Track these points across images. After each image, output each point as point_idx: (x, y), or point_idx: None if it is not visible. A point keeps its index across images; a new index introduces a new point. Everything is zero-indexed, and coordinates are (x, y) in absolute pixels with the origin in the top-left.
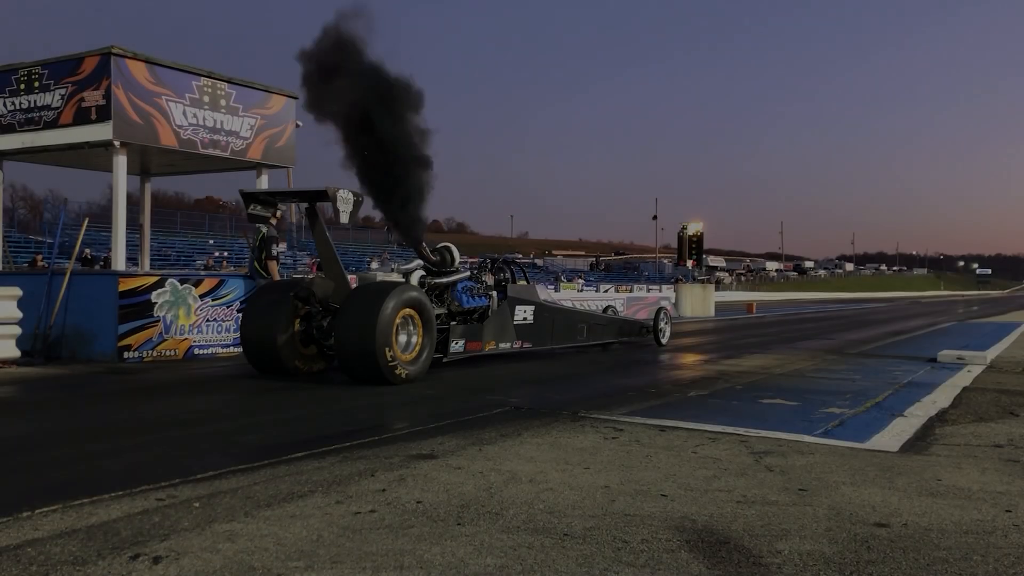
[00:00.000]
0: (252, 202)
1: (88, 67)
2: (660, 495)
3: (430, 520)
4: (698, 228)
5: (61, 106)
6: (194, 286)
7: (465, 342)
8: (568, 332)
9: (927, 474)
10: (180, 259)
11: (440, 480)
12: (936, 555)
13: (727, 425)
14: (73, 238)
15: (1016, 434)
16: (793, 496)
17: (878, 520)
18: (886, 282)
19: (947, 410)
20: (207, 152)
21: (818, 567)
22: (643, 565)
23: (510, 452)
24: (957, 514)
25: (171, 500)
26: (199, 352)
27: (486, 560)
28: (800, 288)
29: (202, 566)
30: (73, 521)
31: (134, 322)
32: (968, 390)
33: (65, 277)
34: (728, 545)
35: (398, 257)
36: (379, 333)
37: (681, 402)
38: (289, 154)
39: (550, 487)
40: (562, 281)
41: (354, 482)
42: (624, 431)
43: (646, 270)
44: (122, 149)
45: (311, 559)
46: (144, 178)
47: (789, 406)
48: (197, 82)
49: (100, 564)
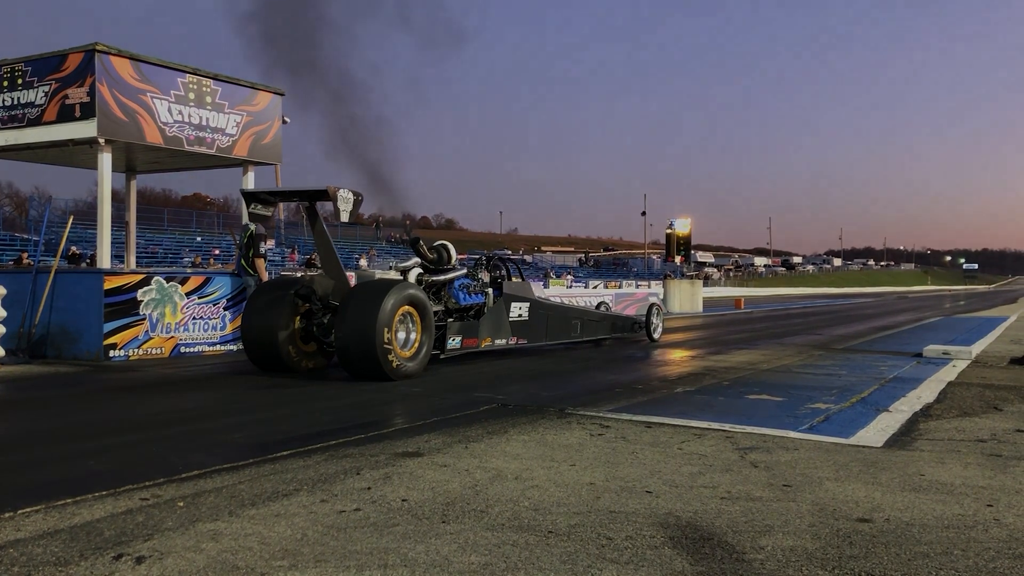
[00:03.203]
0: (253, 201)
1: (72, 64)
2: (645, 492)
3: (415, 518)
4: (686, 224)
5: (45, 103)
6: (180, 284)
7: (462, 339)
8: (562, 328)
9: (910, 469)
10: (167, 257)
11: (426, 478)
12: (918, 550)
13: (713, 421)
14: (59, 236)
15: (999, 429)
16: (777, 492)
17: (861, 515)
18: (874, 277)
19: (932, 405)
20: (193, 149)
21: (801, 562)
22: (627, 562)
23: (496, 449)
24: (939, 509)
25: (155, 500)
26: (185, 350)
27: (470, 558)
28: (788, 284)
29: (185, 566)
30: (56, 521)
31: (120, 320)
32: (953, 385)
33: (50, 275)
34: (712, 541)
35: (387, 254)
36: (379, 330)
37: (668, 398)
38: (276, 151)
39: (535, 484)
40: (551, 277)
41: (339, 480)
42: (610, 428)
43: (635, 266)
44: (107, 146)
45: (295, 558)
46: (130, 175)
47: (775, 402)
48: (182, 79)
49: (83, 564)
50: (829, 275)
